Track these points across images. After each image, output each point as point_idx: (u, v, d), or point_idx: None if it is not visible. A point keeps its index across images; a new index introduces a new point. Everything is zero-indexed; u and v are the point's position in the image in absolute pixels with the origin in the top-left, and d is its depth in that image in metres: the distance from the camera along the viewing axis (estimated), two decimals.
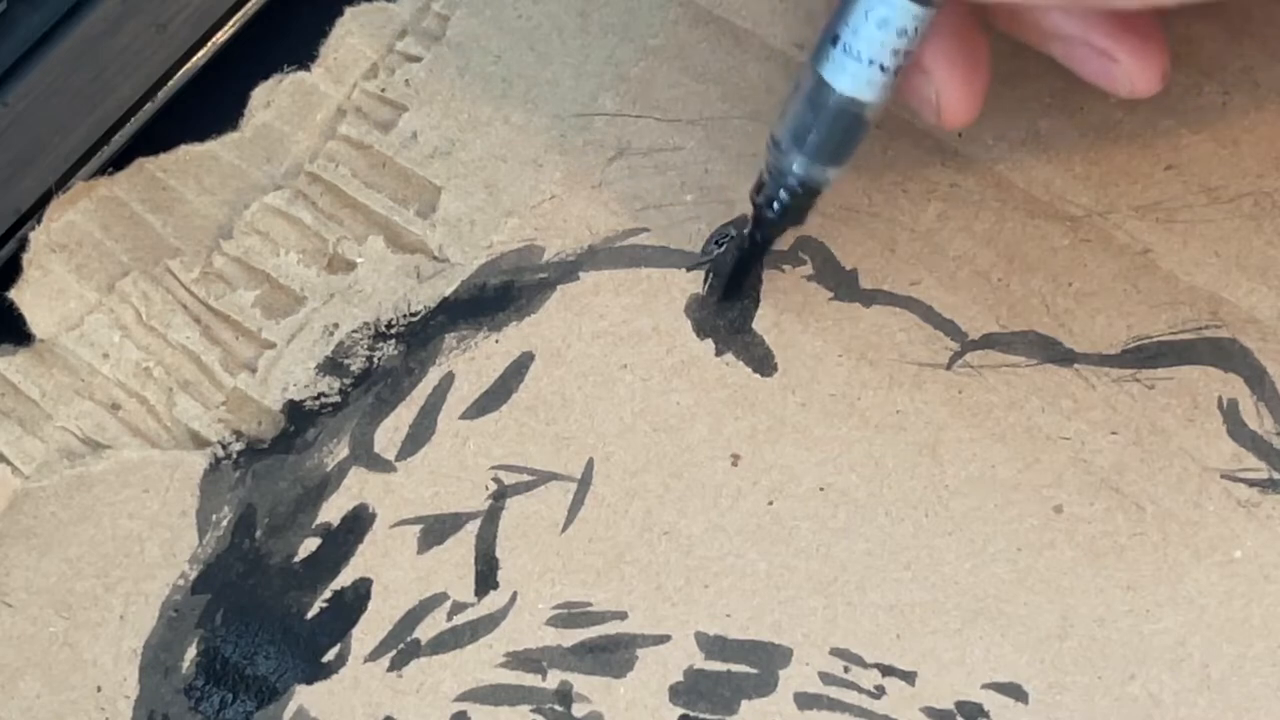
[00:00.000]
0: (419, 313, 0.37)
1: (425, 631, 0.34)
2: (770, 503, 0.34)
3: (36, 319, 0.38)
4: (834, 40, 0.31)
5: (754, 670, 0.33)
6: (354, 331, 0.37)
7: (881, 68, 0.31)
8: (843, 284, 0.36)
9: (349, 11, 0.40)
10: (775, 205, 0.33)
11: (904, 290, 0.35)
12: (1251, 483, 0.33)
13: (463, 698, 0.33)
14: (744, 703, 0.33)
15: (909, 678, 0.32)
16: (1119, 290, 0.35)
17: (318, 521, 0.35)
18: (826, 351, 0.35)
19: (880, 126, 0.37)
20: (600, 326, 0.36)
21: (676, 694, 0.33)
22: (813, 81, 0.31)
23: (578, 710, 0.33)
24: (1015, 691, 0.32)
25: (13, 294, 0.38)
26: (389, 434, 0.36)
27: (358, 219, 0.38)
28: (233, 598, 0.35)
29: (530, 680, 0.33)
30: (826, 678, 0.33)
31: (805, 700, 0.32)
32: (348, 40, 0.40)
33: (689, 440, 0.35)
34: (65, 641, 0.35)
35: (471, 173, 0.38)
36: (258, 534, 0.35)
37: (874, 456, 0.34)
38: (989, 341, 0.35)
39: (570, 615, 0.34)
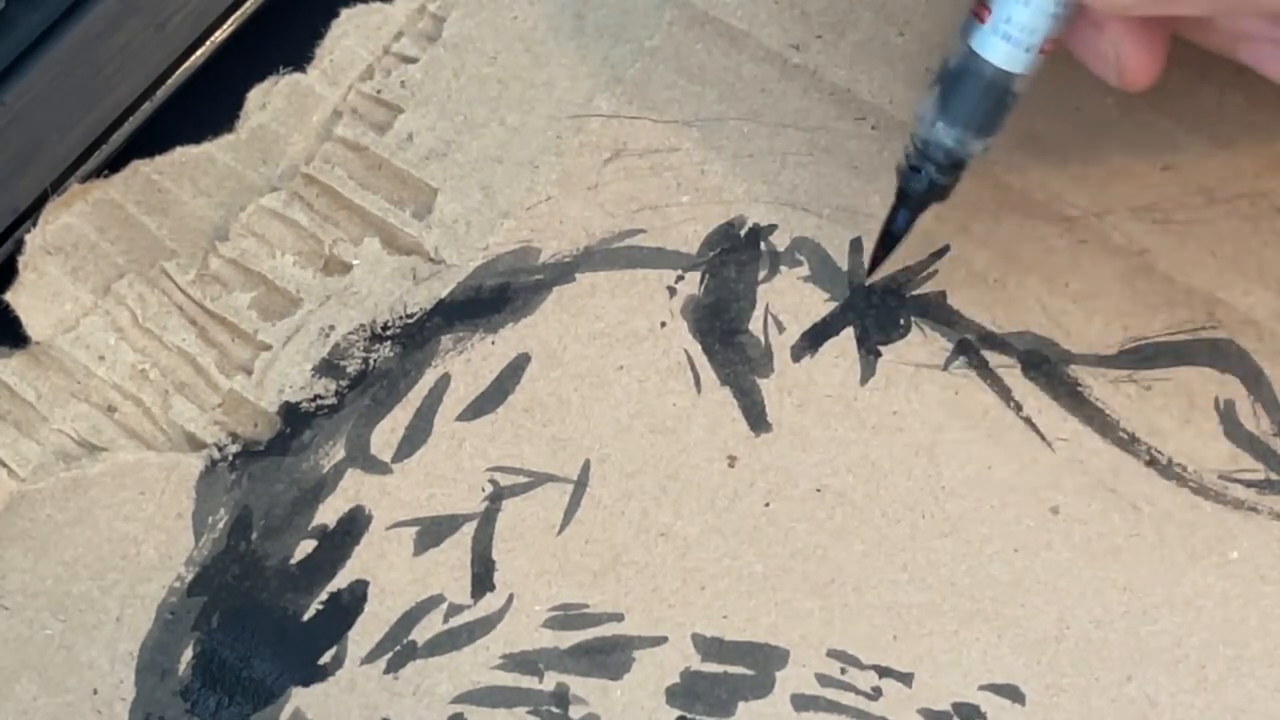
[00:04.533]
0: (415, 314, 0.37)
1: (422, 633, 0.34)
2: (767, 504, 0.34)
3: (32, 321, 0.38)
4: (984, 11, 0.31)
5: (751, 672, 0.33)
6: (350, 333, 0.37)
7: (1033, 40, 0.31)
8: (839, 285, 0.36)
9: (345, 13, 0.40)
10: (923, 179, 0.33)
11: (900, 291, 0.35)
12: (1248, 483, 0.33)
13: (459, 699, 0.33)
14: (741, 704, 0.33)
15: (906, 679, 0.32)
16: (1116, 291, 0.35)
17: (314, 524, 0.35)
18: (823, 352, 0.35)
19: (876, 128, 0.37)
20: (596, 328, 0.36)
21: (673, 695, 0.33)
22: (963, 53, 0.31)
23: (574, 712, 0.33)
24: (1012, 693, 0.32)
25: (8, 296, 0.38)
26: (385, 436, 0.36)
27: (353, 221, 0.38)
28: (229, 600, 0.35)
29: (527, 682, 0.33)
30: (823, 679, 0.33)
31: (802, 702, 0.32)
32: (343, 42, 0.40)
33: (685, 442, 0.35)
34: (61, 644, 0.35)
35: (467, 174, 0.38)
36: (254, 536, 0.35)
37: (870, 458, 0.34)
38: (986, 342, 0.35)
39: (567, 617, 0.34)
